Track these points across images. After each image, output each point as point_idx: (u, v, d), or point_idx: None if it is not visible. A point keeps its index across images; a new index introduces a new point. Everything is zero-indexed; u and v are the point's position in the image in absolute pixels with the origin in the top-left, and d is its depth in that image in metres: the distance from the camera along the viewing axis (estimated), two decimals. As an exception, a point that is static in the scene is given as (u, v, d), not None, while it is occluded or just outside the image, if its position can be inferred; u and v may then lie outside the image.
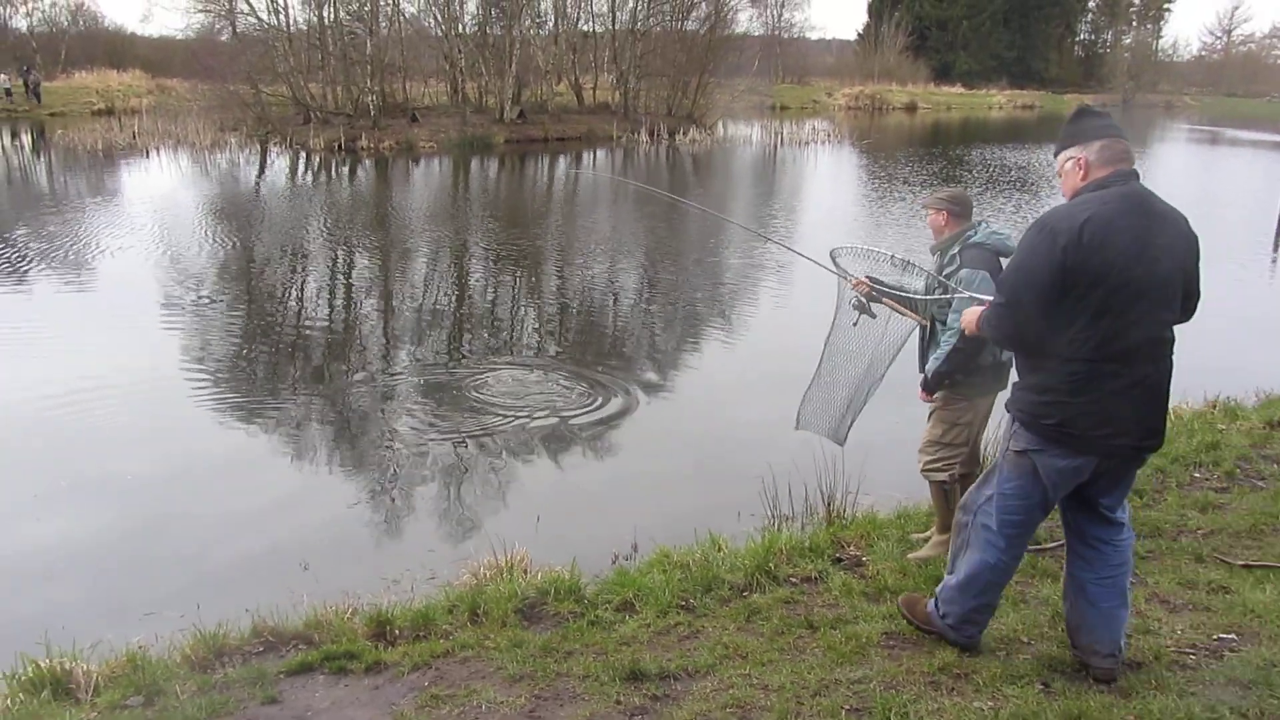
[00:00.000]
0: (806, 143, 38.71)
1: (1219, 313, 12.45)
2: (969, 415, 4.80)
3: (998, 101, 69.52)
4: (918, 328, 4.81)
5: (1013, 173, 27.10)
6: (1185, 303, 3.47)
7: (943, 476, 4.86)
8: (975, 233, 4.69)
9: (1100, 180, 3.36)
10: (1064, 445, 3.38)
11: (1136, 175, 3.39)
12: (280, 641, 4.38)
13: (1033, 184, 24.94)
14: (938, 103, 66.47)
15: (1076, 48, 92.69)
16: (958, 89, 72.39)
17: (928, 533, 5.09)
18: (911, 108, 64.06)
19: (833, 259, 4.88)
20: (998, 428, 6.23)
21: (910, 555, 4.89)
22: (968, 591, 3.70)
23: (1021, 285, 3.34)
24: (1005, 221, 18.16)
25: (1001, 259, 4.62)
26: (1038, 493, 3.49)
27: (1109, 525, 3.59)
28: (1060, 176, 3.54)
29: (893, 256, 4.87)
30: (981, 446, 6.14)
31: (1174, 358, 3.44)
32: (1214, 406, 7.59)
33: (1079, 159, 3.42)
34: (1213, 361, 9.65)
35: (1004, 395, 4.84)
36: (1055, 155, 3.58)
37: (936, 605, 3.86)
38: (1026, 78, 79.57)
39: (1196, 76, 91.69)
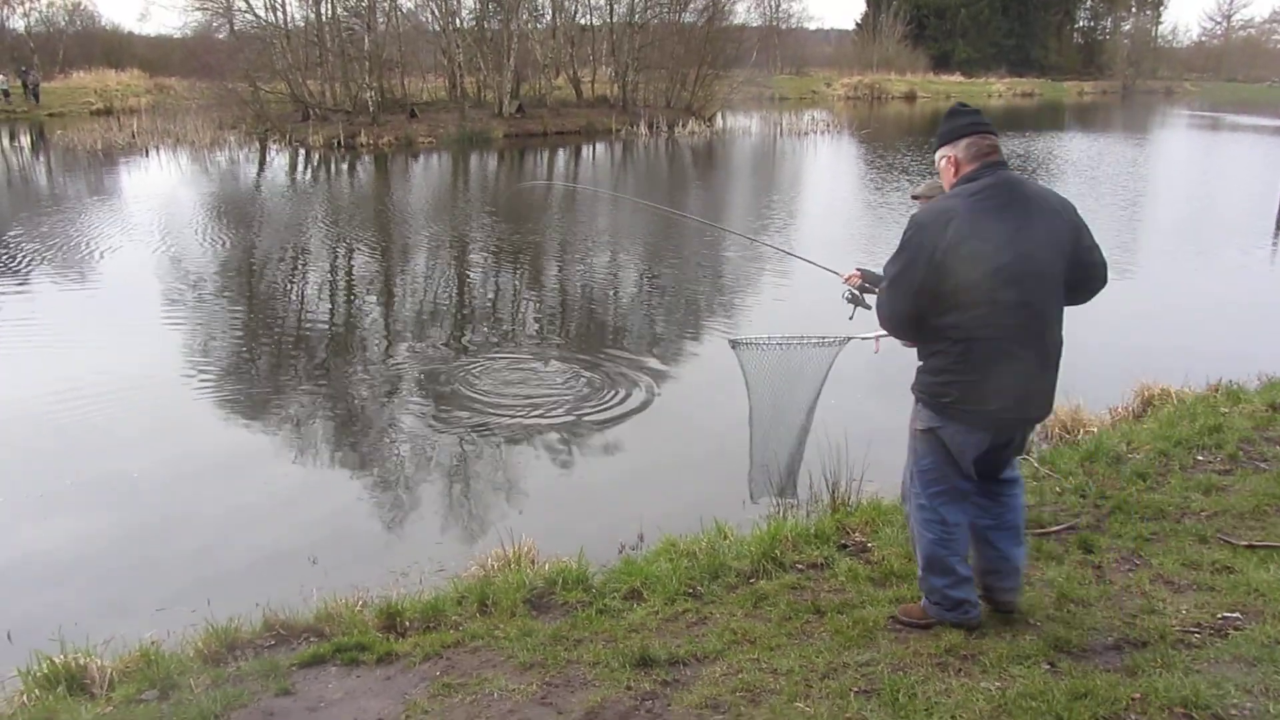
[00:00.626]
0: (806, 133, 38.71)
1: (1221, 297, 12.51)
2: None
3: (997, 89, 69.39)
4: (830, 365, 4.78)
5: (1013, 161, 27.08)
6: (1079, 275, 3.67)
7: None
8: None
9: (969, 174, 3.62)
10: (960, 421, 3.65)
11: (1004, 165, 3.63)
12: (292, 634, 4.41)
13: (1031, 171, 24.94)
14: (937, 91, 66.35)
15: (1076, 35, 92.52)
16: (956, 77, 72.32)
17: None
18: (910, 97, 64.01)
19: (733, 347, 4.96)
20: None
21: None
22: (934, 572, 3.87)
23: (899, 277, 3.59)
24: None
25: None
26: (951, 463, 3.75)
27: (1004, 481, 3.91)
28: (938, 174, 3.84)
29: (802, 338, 4.81)
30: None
31: (1063, 333, 3.69)
32: (1216, 390, 7.60)
33: (950, 157, 3.70)
34: (1215, 345, 9.69)
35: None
36: (934, 152, 3.84)
37: (927, 599, 3.97)
38: (1025, 65, 79.44)
39: (1196, 62, 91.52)
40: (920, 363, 3.75)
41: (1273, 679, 3.36)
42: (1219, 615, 3.94)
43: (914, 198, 4.92)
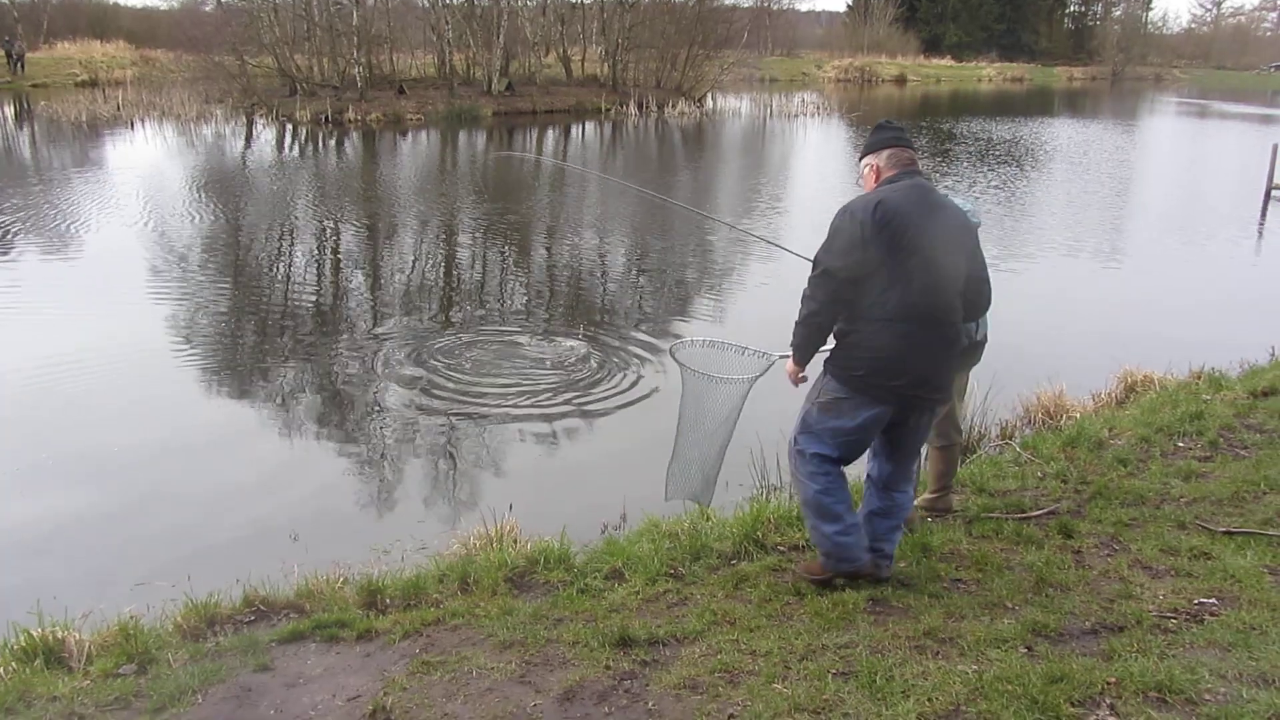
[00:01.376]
0: (795, 115, 38.63)
1: (1206, 284, 12.56)
2: None
3: (987, 74, 69.38)
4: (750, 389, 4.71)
5: (1001, 146, 27.10)
6: (972, 287, 4.06)
7: None
8: None
9: (889, 178, 4.06)
10: (866, 394, 3.99)
11: (920, 174, 4.09)
12: (272, 610, 4.41)
13: (1020, 157, 24.95)
14: (927, 75, 66.30)
15: (1066, 20, 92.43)
16: (947, 61, 72.24)
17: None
18: (901, 80, 63.91)
19: (672, 355, 4.98)
20: (984, 400, 6.32)
21: None
22: (823, 519, 4.12)
23: (831, 260, 3.91)
24: (992, 196, 18.22)
25: None
26: (848, 436, 4.07)
27: (905, 479, 4.28)
28: (861, 180, 4.24)
29: (739, 347, 4.75)
30: (966, 416, 6.21)
31: (960, 324, 4.05)
32: (1198, 377, 7.64)
33: (873, 165, 4.15)
34: (1198, 332, 9.75)
35: (977, 371, 4.94)
36: (858, 161, 4.30)
37: (820, 552, 4.25)
38: (1016, 50, 79.39)
39: (1186, 49, 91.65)
40: (837, 340, 4.08)
41: (1246, 664, 3.39)
42: (1195, 601, 3.97)
43: None
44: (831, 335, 4.11)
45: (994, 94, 57.20)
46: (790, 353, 4.19)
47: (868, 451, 4.25)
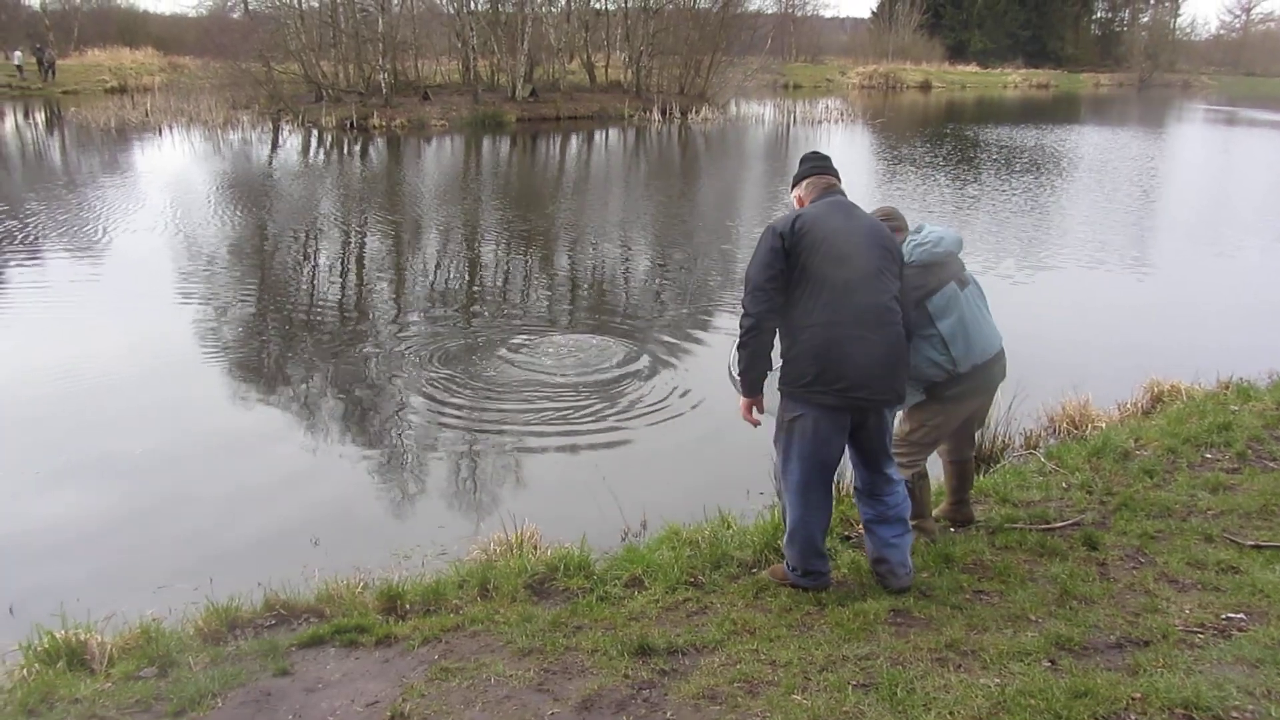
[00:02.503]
0: (819, 122, 38.55)
1: (1234, 293, 12.42)
2: (939, 418, 4.66)
3: (1012, 81, 69.02)
4: None
5: (1026, 154, 26.94)
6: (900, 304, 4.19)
7: (904, 474, 4.76)
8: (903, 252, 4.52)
9: (812, 199, 4.35)
10: (815, 405, 4.08)
11: (840, 193, 4.34)
12: (292, 615, 4.42)
13: (1045, 165, 24.78)
14: (952, 82, 66.02)
15: (1093, 26, 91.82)
16: (972, 68, 71.95)
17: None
18: (925, 87, 63.67)
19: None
20: (1008, 409, 6.26)
21: None
22: (793, 545, 4.31)
23: (757, 273, 4.11)
24: (1017, 207, 18.10)
25: (932, 270, 4.51)
26: (813, 451, 4.14)
27: (886, 481, 4.30)
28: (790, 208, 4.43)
29: None
30: (990, 427, 6.16)
31: (900, 325, 4.14)
32: (1226, 387, 7.55)
33: (798, 196, 4.43)
34: (1227, 342, 9.63)
35: (1003, 388, 4.90)
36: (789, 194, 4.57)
37: (786, 564, 4.41)
38: (1042, 57, 78.96)
39: (1215, 56, 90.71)
40: (781, 355, 4.19)
41: (1275, 681, 3.33)
42: (1223, 616, 3.91)
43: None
44: (777, 356, 4.22)
45: (1019, 100, 56.89)
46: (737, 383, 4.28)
47: (849, 462, 4.36)
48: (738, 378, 4.27)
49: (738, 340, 4.19)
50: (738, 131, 35.33)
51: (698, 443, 7.32)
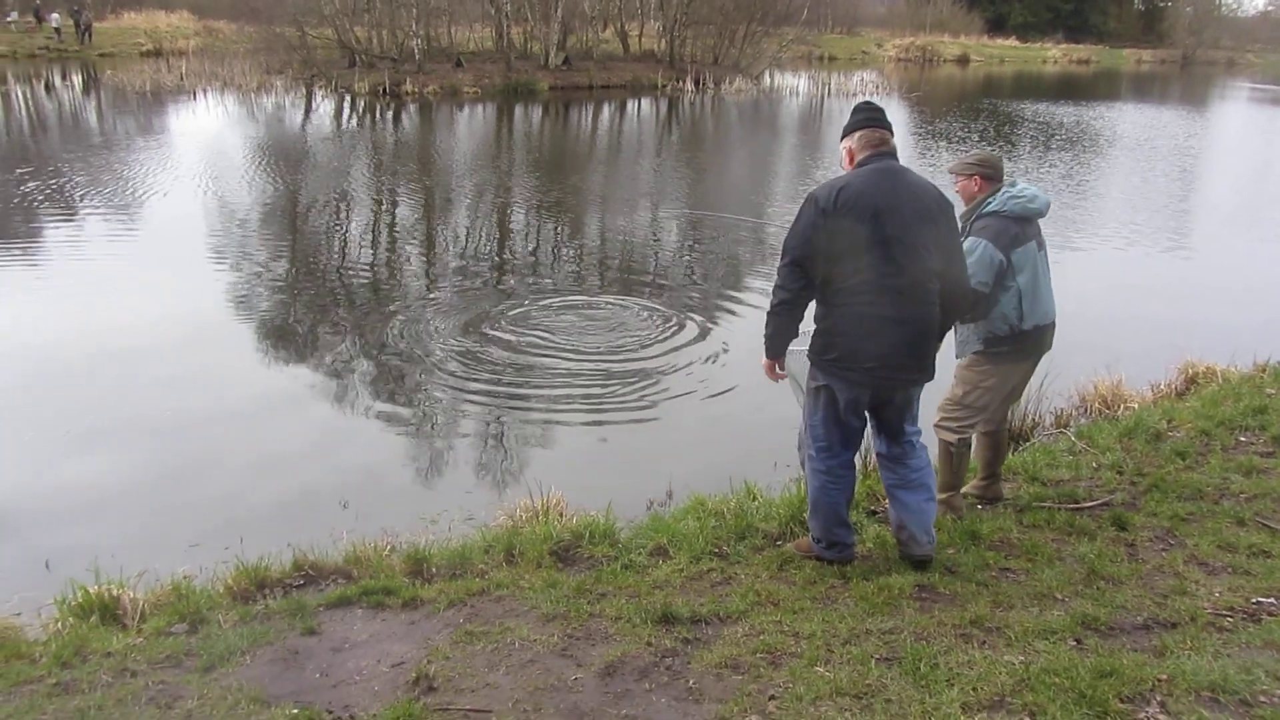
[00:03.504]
0: (854, 94, 38.12)
1: (1273, 277, 12.23)
2: (992, 380, 4.69)
3: (1052, 55, 67.88)
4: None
5: (1064, 131, 26.55)
6: (946, 271, 4.03)
7: (950, 437, 4.78)
8: (993, 199, 4.56)
9: (861, 160, 4.11)
10: (841, 379, 4.04)
11: (892, 154, 4.11)
12: (320, 575, 4.48)
13: (1086, 142, 24.42)
14: (990, 55, 65.04)
15: (1136, 1, 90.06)
16: (1011, 42, 70.77)
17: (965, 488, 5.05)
18: (963, 60, 62.77)
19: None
20: (1039, 387, 6.21)
21: None
22: (817, 516, 4.28)
23: (796, 246, 4.03)
24: (1054, 185, 17.86)
25: (1022, 223, 4.53)
26: (836, 419, 4.13)
27: (903, 442, 4.23)
28: (841, 162, 4.27)
29: None
30: (1021, 405, 6.11)
31: (936, 304, 4.01)
32: (1263, 370, 7.45)
33: (847, 148, 4.20)
34: (1263, 325, 9.48)
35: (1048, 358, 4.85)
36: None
37: (810, 536, 4.39)
38: (1083, 31, 77.52)
39: (1261, 32, 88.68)
40: (814, 325, 4.13)
41: (1305, 666, 3.30)
42: (1253, 599, 3.88)
43: (951, 172, 4.81)
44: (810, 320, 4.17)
45: (1059, 76, 56.02)
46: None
47: (871, 430, 4.30)
48: (764, 338, 4.25)
49: (769, 306, 4.15)
50: (771, 104, 35.03)
51: (725, 414, 7.31)
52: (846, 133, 4.21)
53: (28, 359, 8.01)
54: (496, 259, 12.00)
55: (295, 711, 3.28)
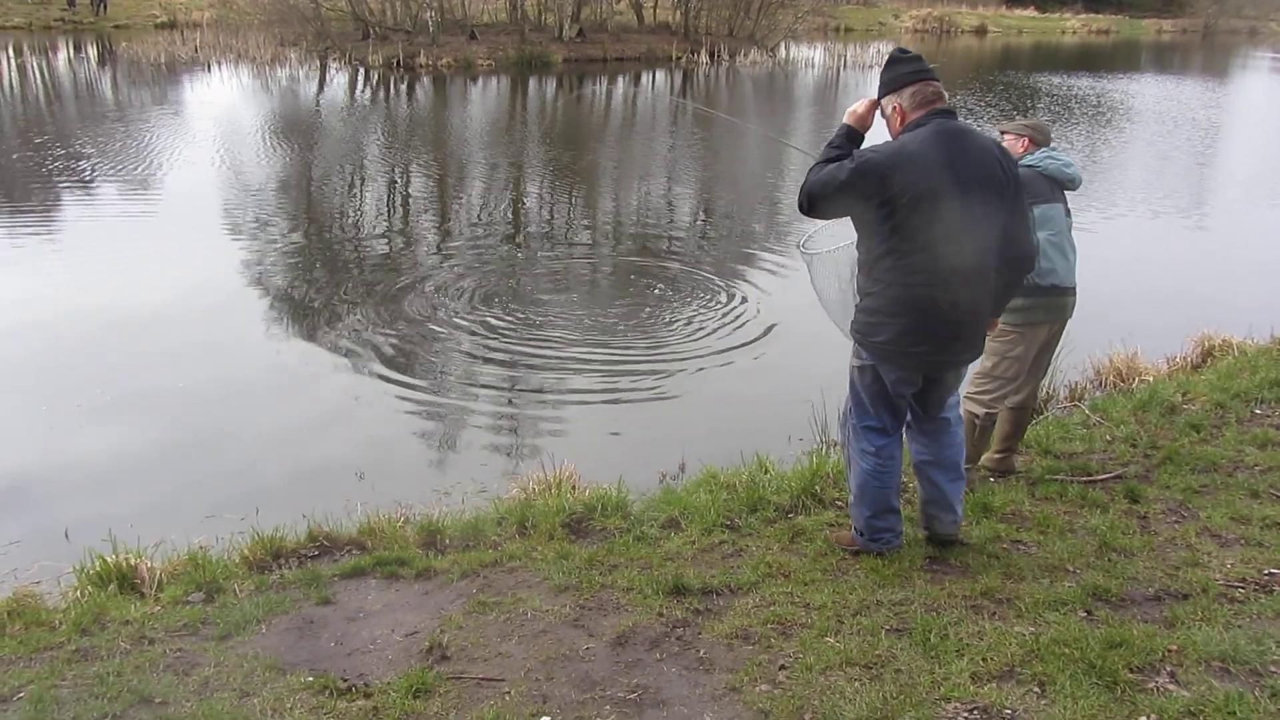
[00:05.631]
0: (870, 66, 37.74)
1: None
2: (1019, 348, 4.70)
3: (1071, 26, 67.02)
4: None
5: (1082, 103, 26.28)
6: (1009, 233, 3.73)
7: (978, 409, 4.79)
8: (1031, 155, 4.60)
9: (915, 121, 3.69)
10: (891, 361, 3.80)
11: (951, 113, 3.71)
12: (335, 546, 4.52)
13: (1105, 114, 24.18)
14: (1008, 26, 64.29)
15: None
16: (1030, 12, 69.89)
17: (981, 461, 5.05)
18: (981, 31, 62.05)
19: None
20: (1054, 360, 6.18)
21: None
22: (863, 501, 4.02)
23: (821, 194, 3.69)
24: (1071, 155, 17.68)
25: (1053, 184, 4.61)
26: (885, 398, 3.91)
27: (941, 420, 4.06)
28: (885, 121, 3.86)
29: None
30: (1048, 375, 6.08)
31: (992, 282, 3.76)
32: (1280, 343, 7.40)
33: (895, 105, 3.77)
34: (1279, 297, 9.41)
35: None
36: (878, 101, 3.87)
37: (854, 526, 4.14)
38: (1102, 1, 76.55)
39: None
40: (859, 303, 3.89)
41: (1316, 638, 3.30)
42: (1265, 571, 3.88)
43: (1002, 132, 4.80)
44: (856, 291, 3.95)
45: (1078, 47, 55.39)
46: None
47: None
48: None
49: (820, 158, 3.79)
50: (786, 76, 34.76)
51: (737, 387, 7.32)
52: (892, 87, 3.76)
53: (45, 331, 8.07)
54: (510, 232, 11.99)
55: (310, 679, 3.32)
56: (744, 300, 9.21)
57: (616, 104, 27.11)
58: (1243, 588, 3.74)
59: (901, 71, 3.76)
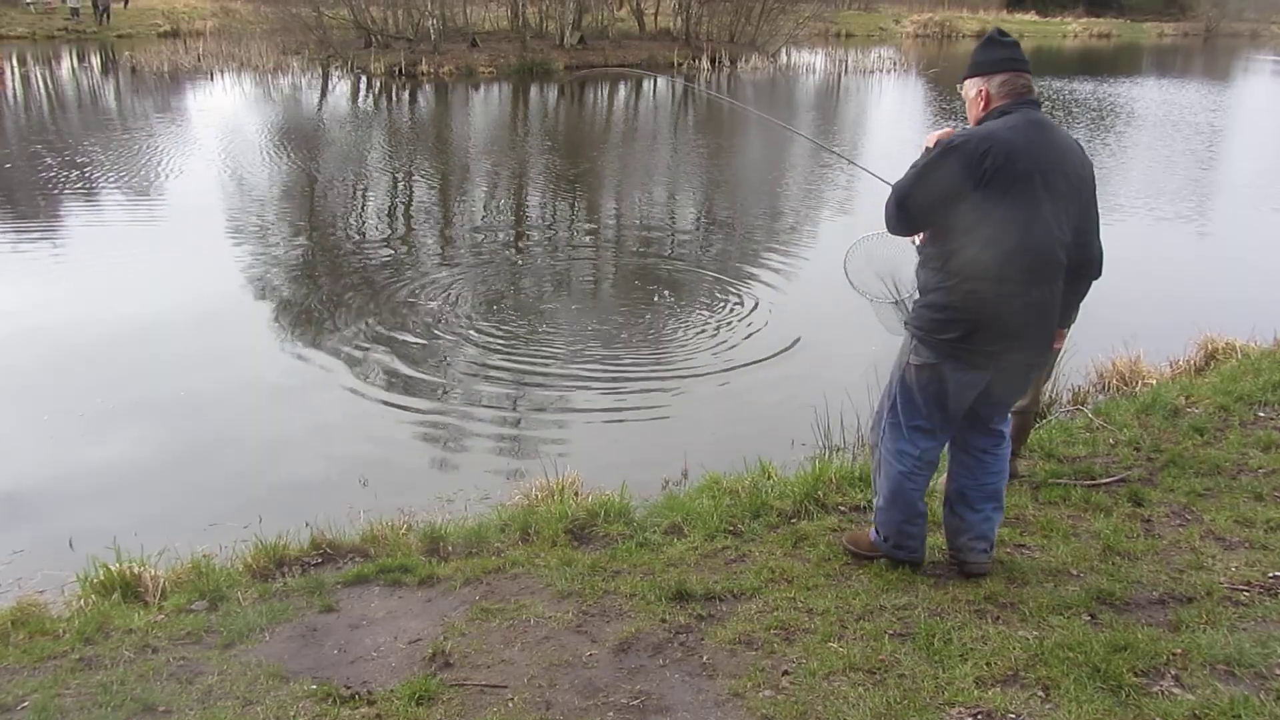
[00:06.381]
0: (871, 72, 37.81)
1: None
2: None
3: (1073, 29, 67.05)
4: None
5: (1083, 107, 26.28)
6: (1081, 237, 3.57)
7: None
8: None
9: (1001, 108, 3.53)
10: (960, 360, 3.56)
11: (1037, 105, 3.56)
12: (338, 554, 4.52)
13: (1107, 118, 24.17)
14: (1010, 30, 64.08)
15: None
16: (1031, 16, 69.92)
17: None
18: (982, 36, 62.13)
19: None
20: (1057, 364, 6.16)
21: None
22: (894, 505, 3.83)
23: (917, 192, 3.49)
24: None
25: None
26: (938, 401, 3.67)
27: (991, 435, 3.83)
28: (966, 103, 3.71)
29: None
30: (1051, 380, 6.08)
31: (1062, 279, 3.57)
32: (1284, 346, 7.39)
33: (981, 89, 3.60)
34: (1285, 300, 9.39)
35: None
36: (960, 83, 3.72)
37: (877, 531, 3.98)
38: (1104, 5, 76.44)
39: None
40: (921, 296, 3.68)
41: (1321, 641, 3.29)
42: (1270, 574, 3.87)
43: None
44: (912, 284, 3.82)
45: (1079, 51, 55.40)
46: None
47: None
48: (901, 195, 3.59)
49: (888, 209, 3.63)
50: (788, 81, 34.78)
51: (741, 393, 7.31)
52: (982, 71, 3.60)
53: (47, 339, 8.08)
54: (512, 239, 12.00)
55: (314, 687, 3.32)
56: (747, 306, 9.21)
57: (618, 111, 27.13)
58: (1247, 591, 3.73)
59: (997, 56, 3.60)
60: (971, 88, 3.63)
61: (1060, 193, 3.45)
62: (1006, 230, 3.39)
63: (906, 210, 3.56)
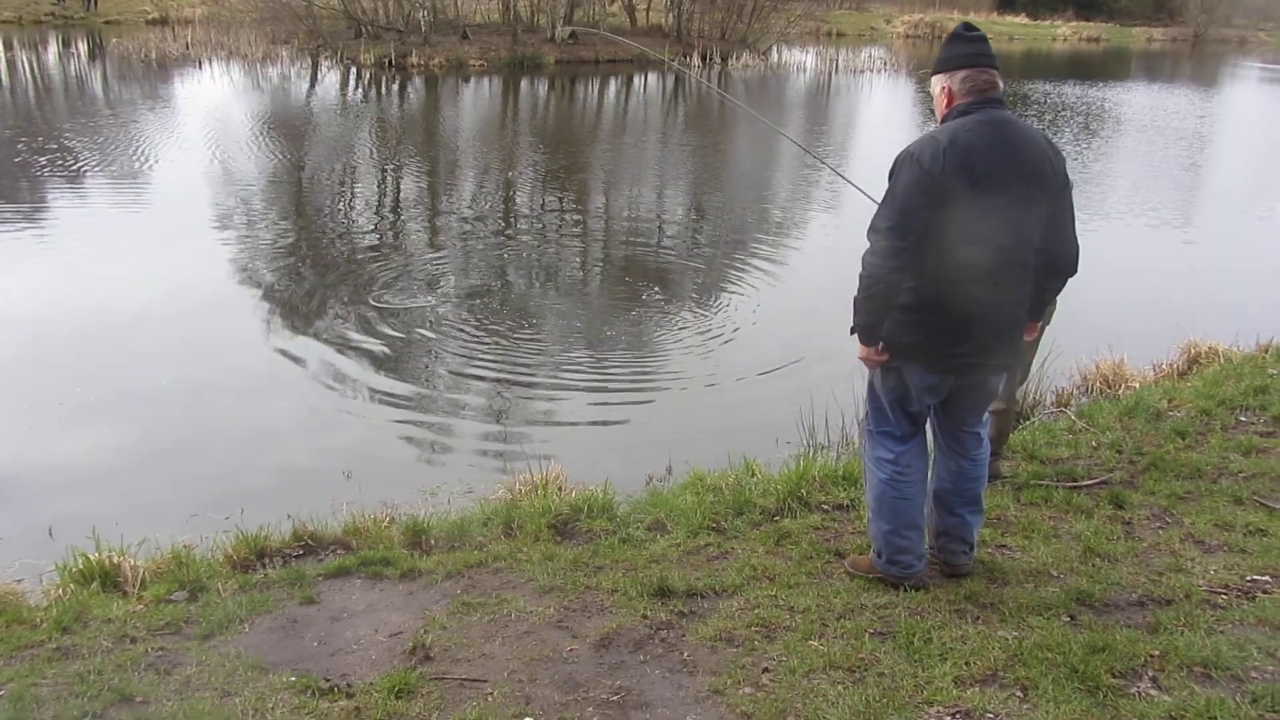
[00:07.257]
0: (862, 71, 37.88)
1: (1278, 257, 12.19)
2: None
3: (1062, 33, 67.27)
4: None
5: (1071, 111, 26.38)
6: (1053, 232, 3.51)
7: None
8: None
9: (963, 106, 3.47)
10: (920, 362, 3.54)
11: (1000, 103, 3.48)
12: (319, 546, 4.50)
13: (1095, 122, 24.27)
14: (999, 33, 64.39)
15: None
16: (1021, 19, 70.15)
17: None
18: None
19: None
20: (1040, 366, 6.19)
21: None
22: (881, 515, 3.77)
23: (894, 215, 3.38)
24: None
25: None
26: (902, 405, 3.68)
27: (967, 438, 3.79)
28: (933, 101, 3.65)
29: None
30: (1034, 381, 6.10)
31: (1032, 282, 3.55)
32: (1265, 350, 7.43)
33: (945, 86, 3.53)
34: (1267, 305, 9.45)
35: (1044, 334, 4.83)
36: (929, 79, 3.67)
37: (872, 549, 3.92)
38: (1093, 9, 76.70)
39: (1274, 10, 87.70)
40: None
41: (1297, 644, 3.32)
42: (1248, 577, 3.89)
43: None
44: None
45: (1068, 54, 55.62)
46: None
47: (932, 419, 3.83)
48: (854, 326, 3.59)
49: (857, 292, 3.50)
50: (779, 79, 34.80)
51: (725, 390, 7.32)
52: (945, 67, 3.53)
53: (29, 328, 8.03)
54: (500, 233, 11.97)
55: (293, 679, 3.31)
56: (732, 303, 9.22)
57: (608, 106, 27.10)
58: (1225, 594, 3.76)
59: (959, 51, 3.52)
60: (936, 84, 3.58)
61: (1026, 191, 3.39)
62: (967, 234, 3.34)
63: (892, 230, 3.38)
